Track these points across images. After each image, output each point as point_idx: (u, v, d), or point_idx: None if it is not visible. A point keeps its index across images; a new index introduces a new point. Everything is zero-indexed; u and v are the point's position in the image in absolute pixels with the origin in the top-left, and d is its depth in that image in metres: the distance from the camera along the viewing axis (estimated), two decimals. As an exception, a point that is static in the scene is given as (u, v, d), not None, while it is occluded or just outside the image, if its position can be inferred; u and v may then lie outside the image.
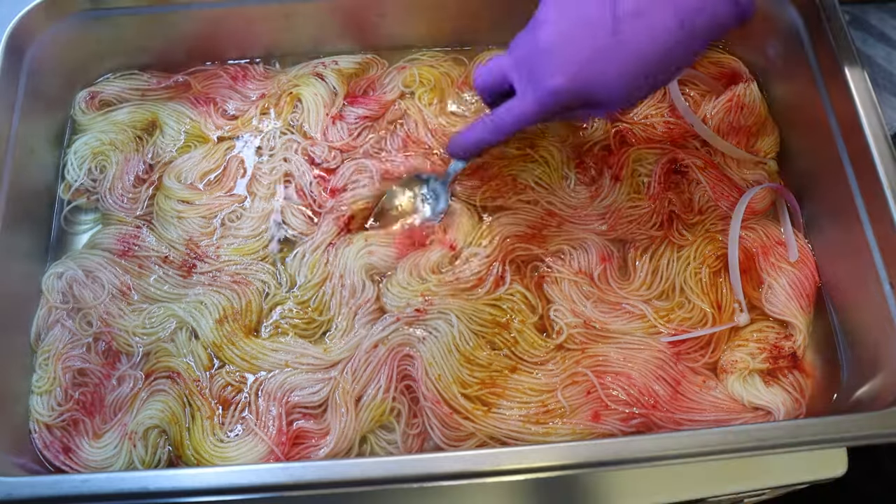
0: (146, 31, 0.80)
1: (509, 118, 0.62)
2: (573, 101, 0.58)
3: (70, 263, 0.72)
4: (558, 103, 0.58)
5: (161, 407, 0.66)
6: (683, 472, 0.67)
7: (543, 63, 0.58)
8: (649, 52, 0.56)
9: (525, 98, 0.60)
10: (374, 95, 0.81)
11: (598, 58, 0.56)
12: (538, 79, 0.58)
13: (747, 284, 0.72)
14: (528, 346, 0.69)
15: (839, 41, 0.70)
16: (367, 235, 0.73)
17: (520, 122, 0.62)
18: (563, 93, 0.58)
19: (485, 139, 0.65)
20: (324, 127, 0.79)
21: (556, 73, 0.57)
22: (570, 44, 0.57)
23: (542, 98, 0.59)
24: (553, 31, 0.58)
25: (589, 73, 0.57)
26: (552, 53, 0.57)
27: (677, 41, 0.55)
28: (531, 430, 0.65)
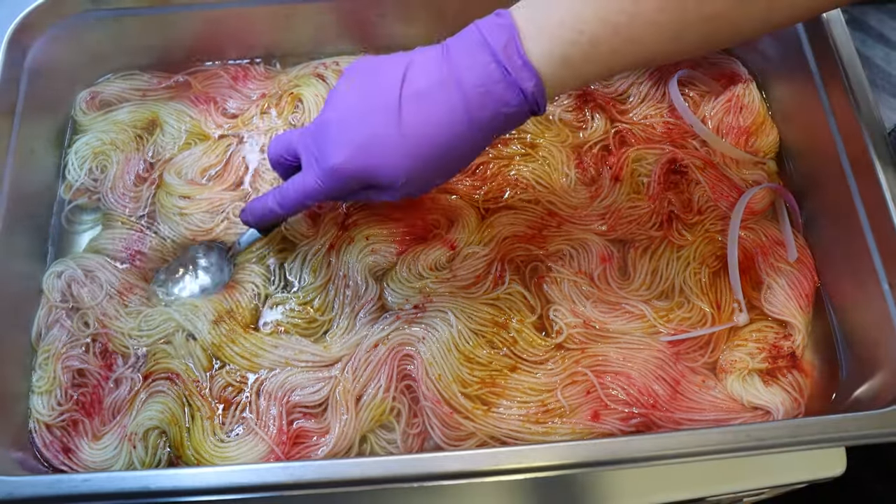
0: (147, 32, 0.80)
1: (293, 193, 0.60)
2: (356, 181, 0.56)
3: (70, 263, 0.72)
4: (340, 182, 0.56)
5: (160, 408, 0.66)
6: (683, 471, 0.67)
7: (327, 140, 0.56)
8: (433, 137, 0.53)
9: (308, 174, 0.58)
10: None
11: (380, 139, 0.53)
12: (321, 156, 0.56)
13: (746, 284, 0.72)
14: (527, 345, 0.69)
15: (838, 42, 0.71)
16: (369, 234, 0.73)
17: (304, 197, 0.59)
18: (343, 172, 0.55)
19: (271, 211, 0.63)
20: (324, 127, 0.79)
21: (338, 151, 0.55)
22: (354, 122, 0.54)
23: (322, 176, 0.56)
24: (341, 108, 0.56)
25: (370, 155, 0.54)
26: (336, 131, 0.55)
27: (464, 130, 0.53)
28: (531, 430, 0.65)
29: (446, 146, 0.53)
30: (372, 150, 0.54)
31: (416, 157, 0.53)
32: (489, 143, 0.56)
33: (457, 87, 0.52)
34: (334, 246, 0.73)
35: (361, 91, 0.55)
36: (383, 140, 0.53)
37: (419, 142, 0.53)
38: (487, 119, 0.52)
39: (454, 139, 0.53)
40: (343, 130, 0.55)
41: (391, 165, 0.54)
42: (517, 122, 0.54)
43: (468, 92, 0.51)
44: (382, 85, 0.54)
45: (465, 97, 0.52)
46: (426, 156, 0.54)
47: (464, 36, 0.54)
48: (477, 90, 0.51)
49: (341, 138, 0.55)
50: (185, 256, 0.73)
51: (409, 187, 0.56)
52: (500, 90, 0.51)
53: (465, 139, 0.53)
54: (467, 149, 0.55)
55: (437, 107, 0.52)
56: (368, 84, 0.55)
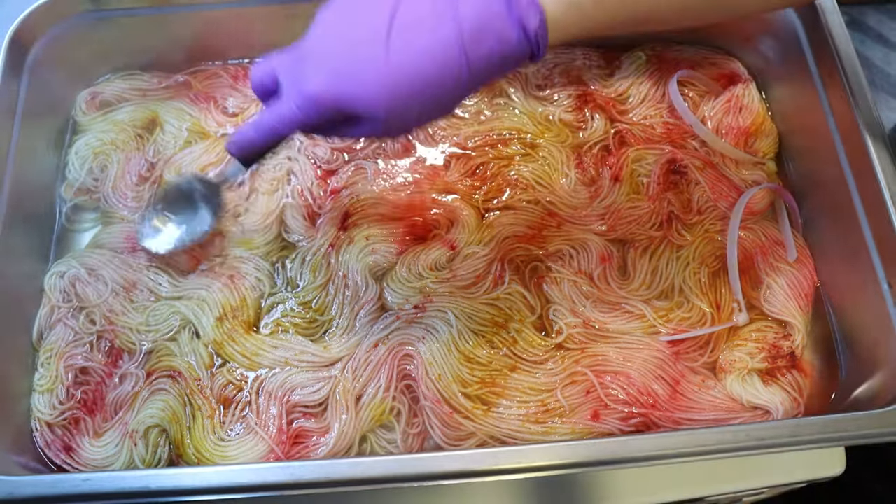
0: (147, 32, 0.80)
1: (271, 120, 0.56)
2: (334, 111, 0.52)
3: (72, 262, 0.73)
4: (318, 111, 0.53)
5: (162, 406, 0.67)
6: (682, 471, 0.67)
7: (307, 66, 0.52)
8: (420, 69, 0.49)
9: (287, 101, 0.54)
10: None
11: (362, 66, 0.50)
12: (300, 82, 0.53)
13: (746, 284, 0.72)
14: (527, 345, 0.69)
15: (837, 42, 0.71)
16: (368, 234, 0.73)
17: (282, 125, 0.55)
18: (320, 100, 0.52)
19: (251, 139, 0.59)
20: (324, 127, 0.79)
21: (318, 77, 0.51)
22: (337, 49, 0.51)
23: (301, 103, 0.53)
24: (323, 33, 0.52)
25: (350, 82, 0.50)
26: (317, 57, 0.52)
27: (455, 66, 0.49)
28: (531, 430, 0.65)
29: (434, 80, 0.50)
30: (353, 78, 0.50)
31: (400, 88, 0.50)
32: (480, 86, 0.52)
33: (452, 17, 0.48)
34: (334, 246, 0.73)
35: (349, 14, 0.52)
36: (366, 67, 0.50)
37: (404, 72, 0.49)
38: (482, 56, 0.49)
39: (443, 74, 0.49)
40: (324, 55, 0.52)
41: (372, 95, 0.50)
42: (513, 64, 0.51)
43: (464, 23, 0.48)
44: (373, 9, 0.51)
45: (461, 28, 0.48)
46: (410, 89, 0.50)
47: None
48: (474, 22, 0.48)
49: (322, 63, 0.51)
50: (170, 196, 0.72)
51: (390, 123, 0.52)
52: (500, 25, 0.48)
53: (455, 76, 0.50)
54: (456, 87, 0.51)
55: (428, 35, 0.49)
56: (358, 8, 0.52)
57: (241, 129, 0.60)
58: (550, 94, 0.81)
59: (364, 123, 0.53)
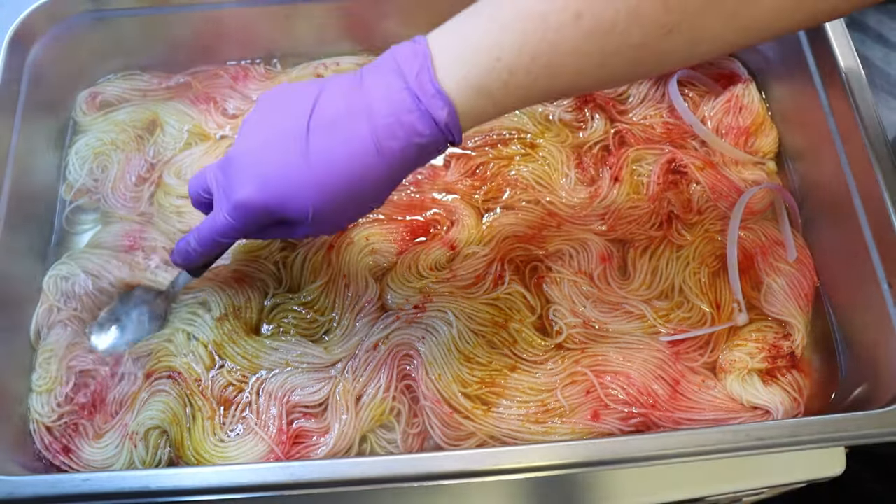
0: (147, 33, 0.80)
1: (206, 231, 0.57)
2: (264, 216, 0.53)
3: (72, 263, 0.72)
4: (249, 217, 0.53)
5: (162, 407, 0.66)
6: (682, 471, 0.67)
7: (234, 174, 0.53)
8: (341, 168, 0.50)
9: (218, 210, 0.55)
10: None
11: (288, 170, 0.51)
12: (229, 191, 0.53)
13: (746, 284, 0.72)
14: (526, 345, 0.69)
15: (837, 42, 0.71)
16: (368, 234, 0.73)
17: (217, 234, 0.56)
18: (251, 206, 0.52)
19: (193, 250, 0.60)
20: (324, 127, 0.79)
21: (245, 184, 0.52)
22: (262, 154, 0.52)
23: (232, 211, 0.53)
24: (249, 139, 0.53)
25: (278, 187, 0.51)
26: (244, 163, 0.52)
27: (373, 162, 0.50)
28: (531, 430, 0.65)
29: (356, 178, 0.51)
30: (279, 182, 0.51)
31: (324, 188, 0.51)
32: (404, 177, 0.53)
33: (365, 117, 0.49)
34: (334, 246, 0.73)
35: (270, 120, 0.53)
36: (290, 171, 0.51)
37: (327, 172, 0.50)
38: (398, 150, 0.50)
39: (363, 170, 0.50)
40: (249, 162, 0.52)
41: (299, 198, 0.51)
42: (431, 153, 0.52)
43: (377, 121, 0.49)
44: (291, 114, 0.52)
45: (374, 126, 0.49)
46: (334, 188, 0.51)
47: (379, 63, 0.51)
48: (387, 119, 0.49)
49: (247, 171, 0.52)
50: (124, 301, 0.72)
51: (321, 223, 0.53)
52: (411, 119, 0.49)
53: (375, 171, 0.50)
54: (379, 181, 0.51)
55: (343, 136, 0.50)
56: (278, 113, 0.53)
57: (181, 240, 0.62)
58: (550, 95, 0.81)
59: (295, 225, 0.54)
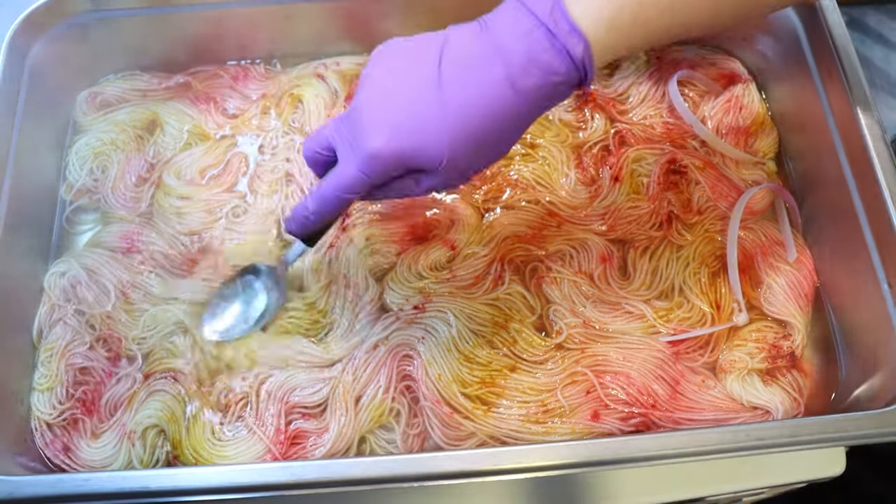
0: (147, 33, 0.80)
1: (330, 189, 0.55)
2: (397, 165, 0.52)
3: (72, 262, 0.73)
4: (380, 168, 0.52)
5: (160, 406, 0.67)
6: (682, 471, 0.67)
7: (363, 124, 0.51)
8: (477, 110, 0.50)
9: (345, 165, 0.54)
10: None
11: (422, 116, 0.50)
12: (358, 142, 0.52)
13: (746, 284, 0.72)
14: (526, 345, 0.69)
15: (837, 42, 0.71)
16: (369, 234, 0.73)
17: (343, 191, 0.54)
18: (383, 156, 0.51)
19: (311, 213, 0.57)
20: (324, 128, 0.79)
21: (376, 133, 0.51)
22: (392, 102, 0.51)
23: (361, 164, 0.52)
24: (374, 88, 0.52)
25: (412, 133, 0.50)
26: (373, 113, 0.51)
27: (509, 103, 0.50)
28: (531, 430, 0.65)
29: (490, 119, 0.50)
30: (412, 129, 0.50)
31: (459, 132, 0.50)
32: (536, 117, 0.53)
33: (499, 58, 0.49)
34: (334, 246, 0.73)
35: (395, 70, 0.52)
36: (423, 117, 0.50)
37: (462, 115, 0.50)
38: (533, 89, 0.50)
39: (498, 112, 0.50)
40: (379, 111, 0.51)
41: (433, 144, 0.50)
42: (564, 93, 0.51)
43: (511, 61, 0.49)
44: (418, 61, 0.51)
45: (508, 67, 0.49)
46: (470, 131, 0.50)
47: (503, 7, 0.51)
48: (521, 58, 0.49)
49: (377, 119, 0.51)
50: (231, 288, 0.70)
51: (451, 171, 0.52)
52: (546, 58, 0.49)
53: (510, 112, 0.50)
54: (512, 123, 0.52)
55: (478, 78, 0.49)
56: (402, 62, 0.52)
57: (298, 207, 0.59)
58: (550, 95, 0.81)
59: (427, 173, 0.53)
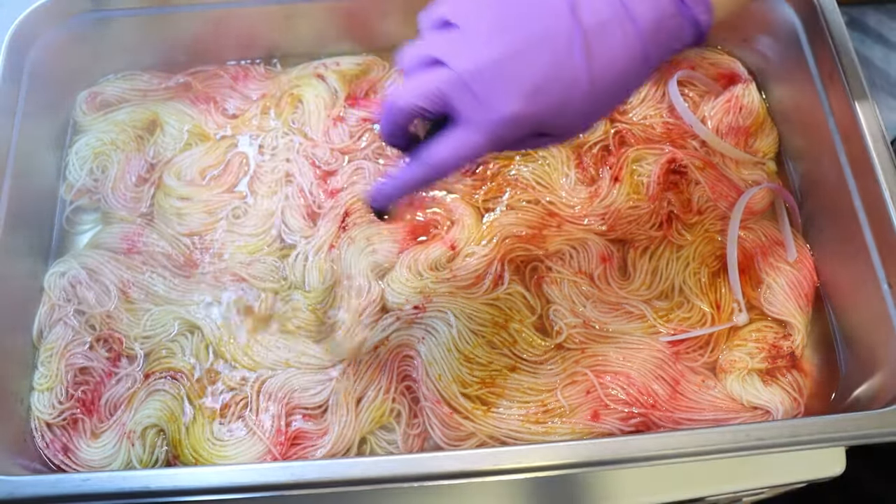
0: (147, 33, 0.80)
1: (449, 153, 0.49)
2: (530, 129, 0.49)
3: (72, 262, 0.73)
4: (513, 132, 0.48)
5: (160, 406, 0.67)
6: (683, 471, 0.67)
7: (494, 85, 0.47)
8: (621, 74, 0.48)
9: (470, 127, 0.48)
10: (375, 98, 0.81)
11: (561, 80, 0.47)
12: (492, 105, 0.47)
13: (746, 284, 0.72)
14: (526, 345, 0.69)
15: (837, 42, 0.71)
16: (369, 234, 0.73)
17: (467, 155, 0.49)
18: (520, 120, 0.48)
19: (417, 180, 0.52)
20: (325, 128, 0.79)
21: (513, 96, 0.47)
22: (526, 59, 0.47)
23: (493, 126, 0.48)
24: (501, 43, 0.47)
25: (551, 98, 0.47)
26: (504, 72, 0.47)
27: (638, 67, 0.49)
28: (531, 430, 0.65)
29: (625, 86, 0.50)
30: (553, 92, 0.47)
31: (599, 98, 0.49)
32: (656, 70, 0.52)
33: (631, 25, 0.47)
34: (334, 247, 0.73)
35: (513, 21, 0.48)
36: (566, 81, 0.47)
37: (607, 78, 0.48)
38: (656, 55, 0.49)
39: (630, 76, 0.49)
40: (511, 70, 0.47)
41: (573, 109, 0.48)
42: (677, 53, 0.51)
43: (643, 26, 0.47)
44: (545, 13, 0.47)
45: (641, 32, 0.48)
46: (608, 98, 0.50)
47: None
48: (651, 24, 0.48)
49: (511, 80, 0.47)
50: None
51: (583, 129, 0.52)
52: (673, 24, 0.48)
53: (637, 76, 0.50)
54: (634, 86, 0.52)
55: (618, 40, 0.47)
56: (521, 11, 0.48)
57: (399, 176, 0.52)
58: (550, 95, 0.81)
59: (556, 135, 0.51)
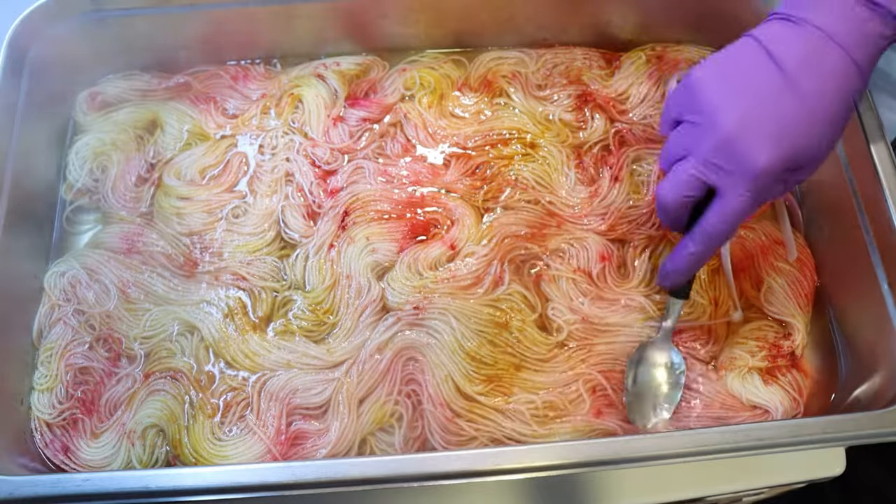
0: (147, 33, 0.80)
1: (720, 222, 0.57)
2: (783, 172, 0.55)
3: (72, 262, 0.73)
4: (769, 182, 0.55)
5: (160, 406, 0.67)
6: (683, 471, 0.67)
7: (742, 145, 0.54)
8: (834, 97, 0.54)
9: (734, 192, 0.56)
10: (374, 98, 0.81)
11: (789, 120, 0.54)
12: (742, 165, 0.55)
13: (746, 283, 0.73)
14: (530, 343, 0.69)
15: (837, 42, 0.70)
16: (369, 234, 0.73)
17: (735, 221, 0.57)
18: (772, 169, 0.54)
19: (698, 254, 0.60)
20: (325, 128, 0.79)
21: (761, 148, 0.54)
22: (758, 116, 0.54)
23: (754, 183, 0.55)
24: (732, 111, 0.55)
25: (789, 139, 0.54)
26: (747, 134, 0.54)
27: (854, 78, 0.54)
28: (534, 430, 0.65)
29: (844, 100, 0.55)
30: (789, 134, 0.54)
31: (827, 120, 0.55)
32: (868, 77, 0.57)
33: (829, 42, 0.54)
34: (334, 245, 0.73)
35: (736, 90, 0.56)
36: (793, 120, 0.54)
37: (825, 106, 0.54)
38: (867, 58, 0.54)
39: (847, 90, 0.55)
40: (751, 131, 0.54)
41: (810, 141, 0.55)
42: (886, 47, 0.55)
43: (844, 42, 0.53)
44: (754, 76, 0.55)
45: (844, 48, 0.54)
46: (835, 116, 0.55)
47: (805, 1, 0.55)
48: (851, 36, 0.53)
49: (755, 138, 0.54)
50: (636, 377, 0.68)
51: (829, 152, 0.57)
52: (873, 26, 0.53)
53: (856, 86, 0.55)
54: (854, 93, 0.56)
55: (822, 66, 0.54)
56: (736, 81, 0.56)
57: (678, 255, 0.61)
58: (550, 94, 0.81)
59: (805, 167, 0.56)
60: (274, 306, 0.72)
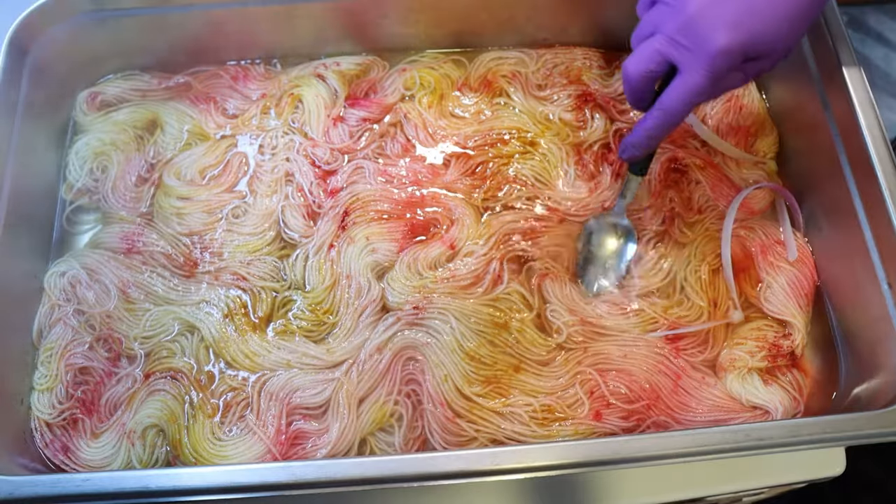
0: (147, 33, 0.80)
1: (677, 98, 0.59)
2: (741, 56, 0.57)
3: (72, 262, 0.73)
4: (727, 64, 0.57)
5: (160, 406, 0.67)
6: (683, 471, 0.67)
7: (703, 25, 0.56)
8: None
9: (691, 71, 0.58)
10: (374, 98, 0.81)
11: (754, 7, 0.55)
12: (702, 44, 0.56)
13: (746, 283, 0.73)
14: (529, 344, 0.69)
15: (837, 42, 0.71)
16: (368, 233, 0.73)
17: (692, 97, 0.59)
18: (732, 50, 0.56)
19: (654, 129, 0.62)
20: (325, 128, 0.79)
21: (721, 30, 0.55)
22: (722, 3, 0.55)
23: (711, 63, 0.56)
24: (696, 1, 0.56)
25: (751, 25, 0.56)
26: (710, 13, 0.56)
27: None
28: (533, 430, 0.65)
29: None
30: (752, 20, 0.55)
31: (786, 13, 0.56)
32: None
33: None
34: (334, 245, 0.73)
35: None
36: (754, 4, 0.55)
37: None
38: None
39: None
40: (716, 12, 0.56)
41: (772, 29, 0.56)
42: None
43: None
44: None
45: None
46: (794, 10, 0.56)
47: None
48: None
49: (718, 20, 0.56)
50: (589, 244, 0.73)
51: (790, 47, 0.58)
52: None
53: None
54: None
55: None
56: None
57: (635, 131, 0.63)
58: (550, 94, 0.81)
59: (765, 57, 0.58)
60: (274, 306, 0.72)
